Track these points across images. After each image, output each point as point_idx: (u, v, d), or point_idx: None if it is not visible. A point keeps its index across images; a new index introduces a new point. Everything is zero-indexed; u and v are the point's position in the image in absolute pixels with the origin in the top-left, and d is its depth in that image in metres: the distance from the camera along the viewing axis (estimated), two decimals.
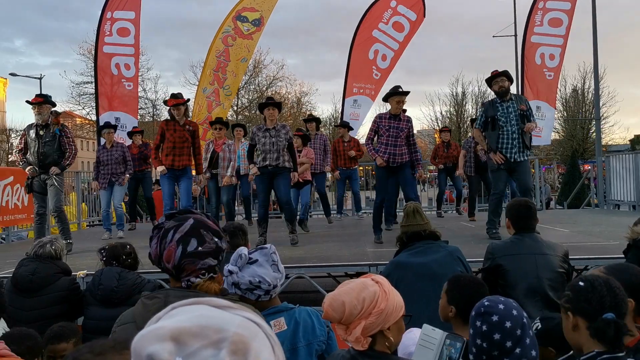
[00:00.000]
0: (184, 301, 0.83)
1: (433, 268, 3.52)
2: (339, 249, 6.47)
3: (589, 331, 1.94)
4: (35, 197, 6.94)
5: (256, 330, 0.81)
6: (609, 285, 1.99)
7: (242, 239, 3.77)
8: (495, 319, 2.11)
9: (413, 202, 4.21)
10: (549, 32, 11.73)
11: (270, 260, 2.46)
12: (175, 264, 1.78)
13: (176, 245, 1.76)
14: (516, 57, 24.83)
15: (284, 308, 2.51)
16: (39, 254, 4.10)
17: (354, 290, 1.96)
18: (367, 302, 1.93)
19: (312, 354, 2.44)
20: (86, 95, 31.76)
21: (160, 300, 1.75)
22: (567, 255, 3.80)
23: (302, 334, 2.44)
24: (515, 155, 6.44)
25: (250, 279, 2.42)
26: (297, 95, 38.34)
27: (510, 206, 4.01)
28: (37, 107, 6.81)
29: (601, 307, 1.93)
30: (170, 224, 1.80)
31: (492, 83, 6.63)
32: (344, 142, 10.37)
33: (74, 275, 4.39)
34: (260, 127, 6.85)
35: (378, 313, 1.92)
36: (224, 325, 0.77)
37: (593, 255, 5.27)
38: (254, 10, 12.33)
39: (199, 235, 1.77)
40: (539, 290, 3.49)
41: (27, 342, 2.95)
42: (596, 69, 13.33)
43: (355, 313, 1.92)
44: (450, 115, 41.65)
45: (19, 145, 7.00)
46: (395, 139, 6.88)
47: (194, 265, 1.77)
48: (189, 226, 1.78)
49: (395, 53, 12.34)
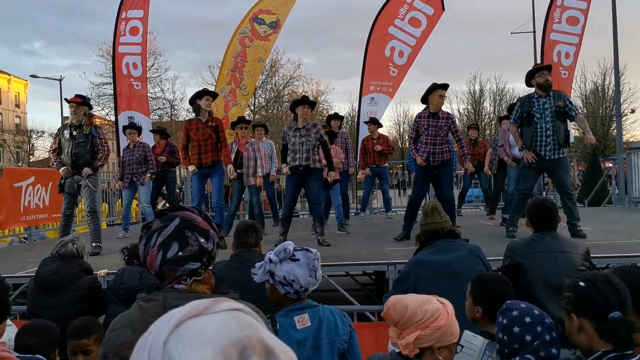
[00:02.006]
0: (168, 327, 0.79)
1: (453, 266, 3.51)
2: (357, 247, 6.46)
3: (597, 332, 1.90)
4: (65, 197, 6.99)
5: (247, 318, 0.81)
6: (610, 283, 1.96)
7: (253, 237, 3.73)
8: (515, 313, 2.24)
9: (432, 201, 4.21)
10: (567, 31, 11.61)
11: (310, 265, 2.49)
12: (156, 271, 1.73)
13: (157, 251, 1.70)
14: (535, 54, 24.58)
15: (309, 305, 2.52)
16: (61, 253, 4.15)
17: (419, 300, 2.01)
18: (428, 314, 1.96)
19: (334, 352, 2.45)
20: (105, 96, 32.16)
21: (158, 303, 1.69)
22: (588, 253, 3.76)
23: (326, 331, 2.45)
24: (549, 153, 6.31)
25: (285, 274, 2.45)
26: (314, 95, 38.36)
27: (528, 206, 3.99)
28: (74, 106, 6.90)
29: (607, 307, 1.90)
30: (156, 225, 1.74)
31: (536, 76, 6.46)
32: (373, 139, 10.33)
33: (95, 274, 4.45)
34: (291, 126, 6.82)
35: (435, 328, 1.94)
36: (232, 334, 0.77)
37: (614, 254, 5.20)
38: (270, 13, 12.36)
39: (182, 236, 1.70)
40: (560, 289, 3.42)
41: (49, 334, 3.02)
42: (616, 65, 13.18)
43: (414, 320, 1.95)
44: (468, 113, 41.44)
45: (52, 145, 7.03)
46: (434, 138, 6.84)
47: (174, 272, 1.70)
48: (173, 227, 1.71)
49: (412, 49, 12.24)
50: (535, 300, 3.43)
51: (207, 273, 1.78)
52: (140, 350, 0.80)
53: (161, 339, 0.78)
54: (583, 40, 11.67)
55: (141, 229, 1.80)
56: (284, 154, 6.83)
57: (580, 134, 37.47)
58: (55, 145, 6.97)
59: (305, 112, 6.73)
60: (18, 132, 46.87)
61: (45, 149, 45.73)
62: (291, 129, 6.76)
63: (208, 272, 1.80)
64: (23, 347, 2.90)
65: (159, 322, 0.82)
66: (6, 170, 8.83)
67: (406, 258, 4.48)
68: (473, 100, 41.91)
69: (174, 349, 0.76)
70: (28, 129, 46.98)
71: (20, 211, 8.64)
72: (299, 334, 2.42)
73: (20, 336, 2.99)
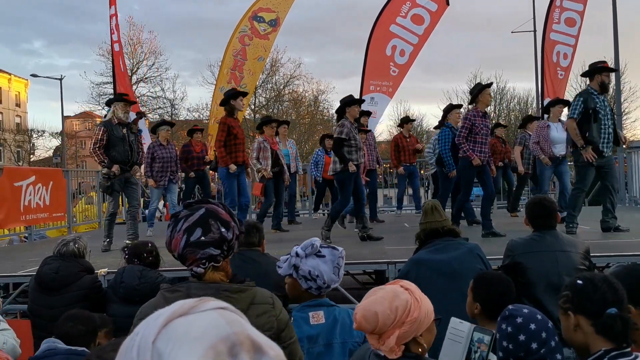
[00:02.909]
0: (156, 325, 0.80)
1: (453, 265, 3.51)
2: (357, 247, 6.47)
3: (594, 328, 1.91)
4: (114, 197, 7.02)
5: (233, 316, 0.82)
6: (608, 282, 1.98)
7: (256, 237, 3.81)
8: (519, 320, 2.18)
9: (432, 200, 4.21)
10: (565, 31, 11.64)
11: (335, 262, 2.51)
12: (179, 252, 1.87)
13: (182, 235, 1.84)
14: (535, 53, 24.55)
15: (325, 303, 2.55)
16: (62, 253, 4.16)
17: (386, 300, 1.94)
18: (400, 310, 1.91)
19: (345, 353, 2.46)
20: (106, 95, 32.20)
21: (182, 294, 1.79)
22: (588, 252, 3.76)
23: (339, 331, 2.47)
24: (608, 150, 6.38)
25: (310, 269, 2.47)
26: (314, 94, 38.38)
27: (527, 204, 4.00)
28: (128, 105, 7.01)
29: (604, 304, 1.91)
30: (183, 213, 1.88)
31: (602, 74, 6.45)
32: (406, 138, 10.36)
33: (96, 274, 4.46)
34: (352, 123, 6.81)
35: (411, 322, 1.91)
36: (220, 331, 0.77)
37: (614, 253, 5.20)
38: (270, 10, 12.34)
39: (206, 224, 1.84)
40: (560, 288, 3.45)
41: (92, 324, 3.11)
42: (617, 65, 13.16)
43: (388, 323, 1.91)
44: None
45: (100, 141, 6.81)
46: (485, 137, 6.89)
47: (195, 254, 1.84)
48: (198, 216, 1.85)
49: (414, 47, 12.15)
50: (535, 300, 3.44)
51: (224, 262, 1.91)
52: (127, 350, 0.79)
53: (150, 338, 0.78)
54: (584, 39, 11.71)
55: (170, 217, 1.95)
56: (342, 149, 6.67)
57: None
58: (103, 142, 6.81)
59: (357, 112, 6.86)
60: (18, 131, 46.88)
61: (45, 148, 45.79)
62: (353, 127, 6.76)
63: (226, 261, 1.92)
64: (66, 334, 2.98)
65: (146, 322, 0.82)
66: (6, 170, 8.83)
67: (406, 257, 4.48)
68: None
69: (163, 347, 0.77)
70: (28, 128, 46.98)
71: (20, 210, 8.64)
72: (311, 330, 2.44)
73: (65, 323, 3.04)
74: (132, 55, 33.41)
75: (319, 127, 37.38)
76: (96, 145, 6.79)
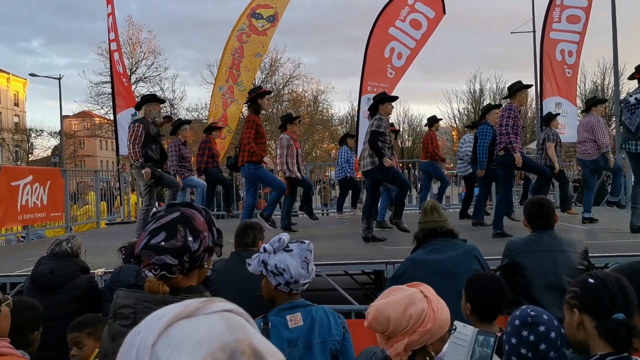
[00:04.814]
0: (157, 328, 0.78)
1: (449, 266, 3.50)
2: (355, 246, 6.45)
3: (597, 330, 1.87)
4: (151, 192, 7.07)
5: (238, 320, 0.80)
6: (620, 284, 1.92)
7: (250, 237, 3.83)
8: (542, 329, 2.10)
9: (431, 200, 4.21)
10: (568, 29, 11.61)
11: (302, 256, 2.48)
12: (137, 252, 1.80)
13: (145, 235, 1.77)
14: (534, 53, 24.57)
15: (302, 304, 2.52)
16: (55, 252, 4.15)
17: (401, 305, 1.89)
18: (413, 319, 1.87)
19: (326, 352, 2.44)
20: (104, 94, 32.14)
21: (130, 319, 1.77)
22: (586, 252, 3.76)
23: (318, 331, 2.45)
24: None
25: (277, 263, 2.45)
26: (314, 94, 38.36)
27: (525, 205, 4.00)
28: (159, 105, 7.07)
29: (612, 307, 1.87)
30: (160, 213, 1.81)
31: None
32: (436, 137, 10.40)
33: (92, 274, 4.44)
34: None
35: (424, 332, 1.87)
36: (221, 338, 0.76)
37: (613, 253, 5.19)
38: (268, 7, 12.33)
39: (172, 229, 1.74)
40: (558, 288, 3.44)
41: (28, 314, 2.98)
42: (616, 65, 13.16)
43: (400, 329, 1.87)
44: (468, 113, 41.38)
45: (140, 137, 6.77)
46: (520, 134, 6.87)
47: (149, 258, 1.75)
48: (169, 219, 1.76)
49: (411, 51, 12.23)
50: (533, 300, 3.43)
51: (182, 277, 1.77)
52: (128, 349, 0.78)
53: (150, 340, 0.77)
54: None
55: (150, 216, 1.88)
56: (378, 142, 6.56)
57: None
58: (142, 139, 6.77)
59: (391, 109, 6.86)
60: (17, 130, 46.86)
61: (44, 147, 45.79)
62: (388, 124, 6.73)
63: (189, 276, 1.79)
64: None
65: (149, 321, 0.81)
66: (4, 169, 8.81)
67: (404, 257, 4.46)
68: (473, 100, 41.84)
69: (162, 352, 0.75)
70: (27, 127, 46.97)
71: (18, 210, 8.62)
72: (290, 333, 2.41)
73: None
74: (131, 55, 33.35)
75: (318, 127, 37.41)
76: (136, 142, 6.74)
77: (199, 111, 34.55)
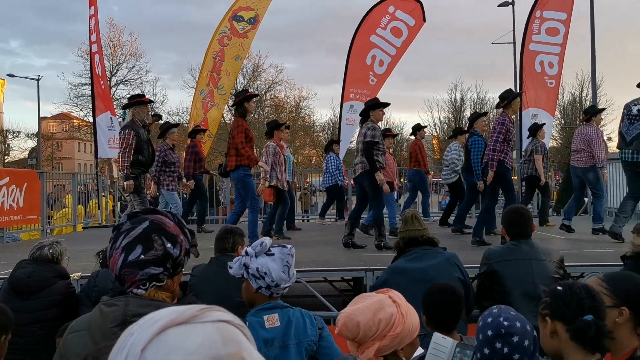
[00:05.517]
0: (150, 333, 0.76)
1: (430, 274, 3.52)
2: (335, 253, 6.46)
3: (568, 334, 1.91)
4: (144, 196, 6.97)
5: (233, 332, 0.79)
6: (587, 290, 1.97)
7: (229, 243, 3.83)
8: (516, 340, 2.08)
9: (411, 209, 4.23)
10: (547, 41, 11.79)
11: (284, 260, 2.49)
12: (116, 273, 1.69)
13: (120, 253, 1.67)
14: (515, 64, 24.91)
15: (280, 305, 2.54)
16: (35, 257, 4.08)
17: (370, 310, 1.91)
18: (383, 324, 1.88)
19: (302, 353, 2.46)
20: (84, 97, 31.79)
21: (119, 308, 1.65)
22: (562, 261, 3.82)
23: (294, 332, 2.47)
24: None
25: (258, 266, 2.46)
26: (296, 100, 38.38)
27: (504, 213, 4.05)
28: (147, 107, 6.91)
29: (580, 310, 1.90)
30: (125, 226, 1.71)
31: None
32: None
33: (70, 279, 4.38)
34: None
35: (393, 336, 1.88)
36: (212, 350, 0.74)
37: (589, 263, 5.27)
38: (249, 9, 12.34)
39: (148, 240, 1.66)
40: (535, 296, 3.49)
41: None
42: (594, 77, 13.42)
43: (369, 334, 1.88)
44: (449, 122, 41.75)
45: (131, 146, 6.61)
46: (513, 144, 6.91)
47: (134, 275, 1.67)
48: (141, 230, 1.67)
49: (392, 59, 12.36)
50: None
51: (170, 280, 1.73)
52: (119, 349, 0.77)
53: (140, 344, 0.75)
54: None
55: (112, 230, 1.76)
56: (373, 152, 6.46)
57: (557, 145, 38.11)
58: (133, 146, 6.63)
59: (382, 116, 6.79)
60: None
61: (21, 149, 45.01)
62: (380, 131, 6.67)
63: (174, 279, 1.75)
64: None
65: (143, 323, 0.79)
66: None
67: (384, 264, 4.48)
68: (454, 109, 42.26)
69: (151, 358, 0.74)
70: (4, 129, 46.17)
71: None
72: (267, 333, 2.43)
73: None
74: (112, 57, 33.06)
75: (300, 134, 37.38)
76: (126, 151, 6.60)
77: (180, 115, 34.33)
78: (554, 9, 11.71)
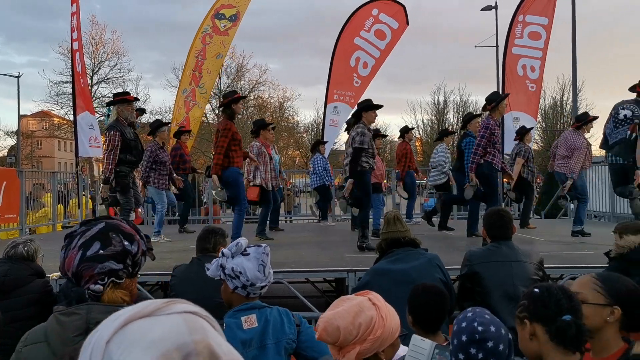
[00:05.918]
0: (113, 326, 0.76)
1: (412, 275, 3.53)
2: (317, 254, 6.46)
3: (548, 335, 1.91)
4: (131, 193, 6.85)
5: (199, 322, 0.79)
6: (564, 291, 1.98)
7: (210, 243, 3.84)
8: (490, 345, 2.05)
9: (394, 210, 4.25)
10: (529, 45, 11.91)
11: (259, 260, 2.48)
12: (73, 270, 1.66)
13: (77, 251, 1.65)
14: (497, 67, 25.16)
15: (258, 306, 2.52)
16: (10, 255, 4.02)
17: (350, 314, 1.91)
18: (363, 327, 1.88)
19: (280, 351, 2.45)
20: (65, 95, 31.40)
21: (80, 317, 1.61)
22: (542, 262, 3.86)
23: (272, 331, 2.46)
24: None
25: (233, 266, 2.45)
26: (280, 100, 38.33)
27: (485, 215, 4.08)
28: (131, 106, 6.79)
29: (559, 310, 1.91)
30: (80, 230, 1.69)
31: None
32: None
33: (48, 278, 4.32)
34: (370, 130, 6.63)
35: (374, 340, 1.89)
36: (179, 338, 0.74)
37: (568, 265, 5.33)
38: (231, 6, 12.31)
39: (105, 238, 1.66)
40: (515, 297, 3.51)
41: None
42: (574, 82, 13.58)
43: (350, 338, 1.88)
44: (432, 124, 42.00)
45: (116, 147, 6.53)
46: (500, 146, 6.93)
47: (92, 269, 1.64)
48: (97, 229, 1.67)
49: (376, 61, 12.41)
50: (490, 309, 3.48)
51: (129, 280, 1.71)
52: (85, 347, 0.77)
53: (104, 338, 0.75)
54: None
55: (64, 237, 1.72)
56: (361, 158, 6.43)
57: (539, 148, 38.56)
58: (119, 147, 6.54)
59: (374, 118, 6.73)
60: None
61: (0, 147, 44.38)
62: (370, 133, 6.58)
63: (132, 280, 1.73)
64: None
65: (107, 320, 0.79)
66: None
67: (366, 265, 4.49)
68: (437, 112, 42.50)
69: (115, 349, 0.74)
70: None
71: None
72: (244, 334, 2.42)
73: None
74: (94, 55, 32.70)
75: (283, 134, 37.33)
76: (111, 152, 6.52)
77: (162, 114, 34.06)
78: (536, 14, 11.84)
